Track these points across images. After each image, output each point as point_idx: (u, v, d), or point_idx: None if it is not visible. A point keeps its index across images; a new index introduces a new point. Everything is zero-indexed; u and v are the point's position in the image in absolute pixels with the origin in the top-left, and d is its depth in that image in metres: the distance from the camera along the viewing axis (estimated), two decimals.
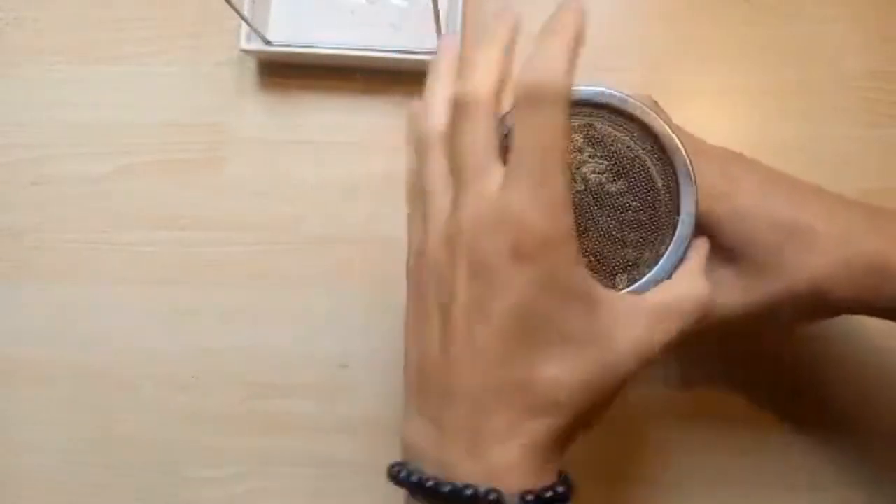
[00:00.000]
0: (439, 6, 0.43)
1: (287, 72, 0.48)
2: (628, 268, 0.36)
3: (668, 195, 0.34)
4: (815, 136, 0.46)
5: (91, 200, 0.47)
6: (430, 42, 0.45)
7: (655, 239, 0.34)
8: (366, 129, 0.47)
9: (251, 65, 0.49)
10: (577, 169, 0.36)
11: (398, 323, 0.45)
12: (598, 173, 0.36)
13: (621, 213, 0.36)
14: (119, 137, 0.48)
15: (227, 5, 0.41)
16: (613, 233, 0.35)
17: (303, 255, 0.46)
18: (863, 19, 0.47)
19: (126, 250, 0.45)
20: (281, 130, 0.48)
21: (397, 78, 0.48)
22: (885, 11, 0.47)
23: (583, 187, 0.36)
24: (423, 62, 0.46)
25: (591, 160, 0.36)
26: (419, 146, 0.31)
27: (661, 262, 0.34)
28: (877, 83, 0.46)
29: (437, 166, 0.30)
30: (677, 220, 0.34)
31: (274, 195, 0.46)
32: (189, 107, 0.48)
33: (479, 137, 0.28)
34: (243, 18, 0.44)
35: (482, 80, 0.29)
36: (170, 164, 0.47)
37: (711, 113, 0.47)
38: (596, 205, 0.36)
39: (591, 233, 0.35)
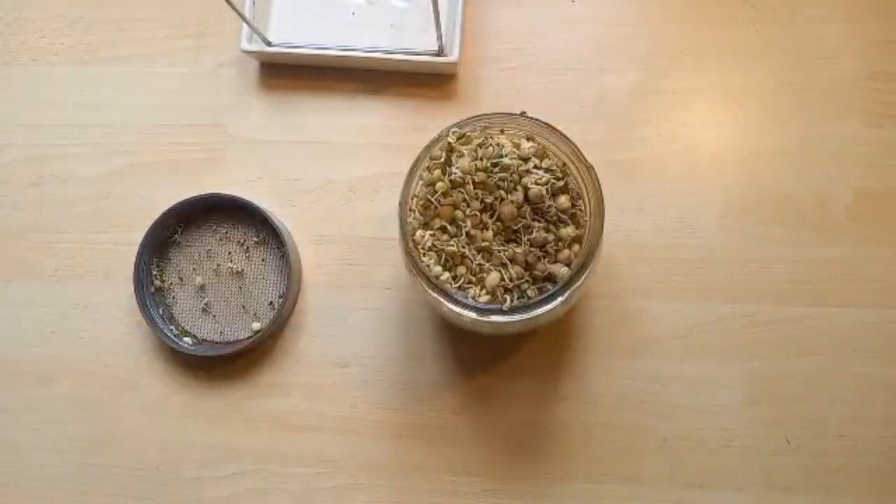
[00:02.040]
0: (439, 6, 0.43)
1: (287, 72, 0.48)
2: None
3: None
4: (814, 136, 0.46)
5: (91, 200, 0.47)
6: (430, 42, 0.46)
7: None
8: (366, 129, 0.47)
9: (252, 65, 0.49)
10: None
11: (397, 323, 0.45)
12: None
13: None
14: (119, 137, 0.48)
15: (228, 6, 0.41)
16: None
17: (302, 255, 0.46)
18: (862, 20, 0.47)
19: (126, 250, 0.45)
20: (281, 131, 0.48)
21: (397, 78, 0.48)
22: (884, 13, 0.47)
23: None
24: (423, 63, 0.46)
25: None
26: None
27: None
28: (876, 84, 0.46)
29: None
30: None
31: (274, 195, 0.47)
32: (190, 107, 0.48)
33: None
34: (244, 19, 0.44)
35: None
36: (170, 164, 0.47)
37: (712, 113, 0.47)
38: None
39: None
